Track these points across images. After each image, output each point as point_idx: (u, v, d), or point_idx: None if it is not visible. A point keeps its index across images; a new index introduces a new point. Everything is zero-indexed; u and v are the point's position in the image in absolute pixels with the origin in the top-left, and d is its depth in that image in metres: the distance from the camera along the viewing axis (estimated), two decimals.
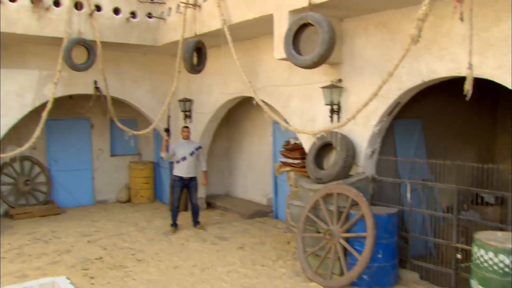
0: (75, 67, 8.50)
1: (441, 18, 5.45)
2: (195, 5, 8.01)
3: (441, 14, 5.36)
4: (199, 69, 8.10)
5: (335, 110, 6.83)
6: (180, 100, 10.42)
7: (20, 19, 8.04)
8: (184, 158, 8.90)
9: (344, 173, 6.48)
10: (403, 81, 5.99)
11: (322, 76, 7.07)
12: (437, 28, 5.54)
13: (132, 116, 11.88)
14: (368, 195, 6.47)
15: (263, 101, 8.28)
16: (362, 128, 6.57)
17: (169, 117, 9.09)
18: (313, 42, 5.85)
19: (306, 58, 5.70)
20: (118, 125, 9.32)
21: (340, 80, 6.84)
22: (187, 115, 10.49)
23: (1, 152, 10.26)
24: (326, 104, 6.81)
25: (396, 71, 5.14)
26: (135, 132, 9.11)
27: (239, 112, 11.34)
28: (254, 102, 7.00)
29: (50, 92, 8.60)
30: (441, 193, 7.25)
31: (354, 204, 6.03)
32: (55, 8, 8.35)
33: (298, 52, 5.93)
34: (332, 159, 6.70)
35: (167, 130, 9.02)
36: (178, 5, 8.63)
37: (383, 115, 6.38)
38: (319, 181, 6.69)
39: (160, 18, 9.26)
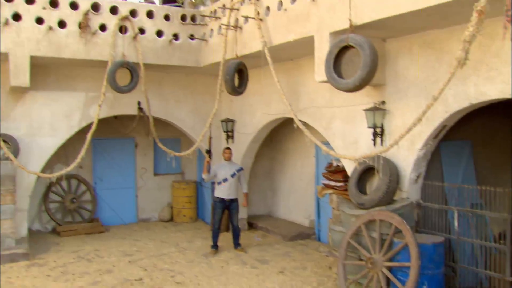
0: (118, 89, 8.71)
1: (490, 37, 5.20)
2: (236, 27, 8.05)
3: (490, 33, 5.10)
4: (240, 90, 8.11)
5: (378, 133, 6.64)
6: (222, 121, 10.44)
7: (68, 44, 8.35)
8: (225, 180, 8.89)
9: (387, 198, 6.26)
10: (449, 103, 5.74)
11: (364, 97, 6.91)
12: (486, 48, 5.29)
13: (176, 135, 12.04)
14: (412, 221, 6.21)
15: (305, 123, 8.24)
16: (406, 152, 6.34)
17: (210, 138, 9.12)
18: (354, 64, 5.73)
19: (348, 82, 5.57)
20: (160, 146, 9.44)
21: (383, 102, 6.66)
22: (229, 135, 10.49)
23: (50, 170, 10.67)
24: (369, 127, 6.64)
25: (442, 93, 4.93)
26: (176, 154, 9.21)
27: (282, 132, 11.27)
28: (295, 125, 6.90)
29: (95, 114, 8.84)
30: (492, 220, 6.87)
31: (398, 231, 5.80)
32: (101, 32, 8.63)
33: (340, 75, 5.82)
34: (375, 184, 6.50)
35: (209, 152, 9.04)
36: (220, 27, 8.71)
37: (429, 139, 6.14)
38: (361, 206, 6.49)
39: (202, 39, 9.38)
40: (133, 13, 8.96)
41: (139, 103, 9.84)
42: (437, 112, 5.83)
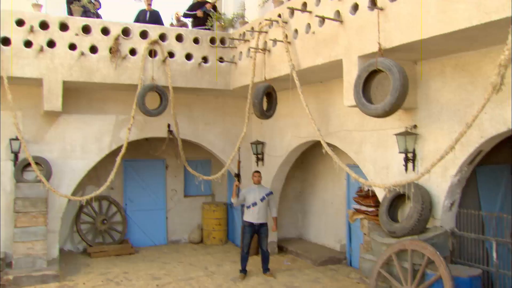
0: (148, 113, 8.78)
1: None
2: (265, 50, 8.02)
3: None
4: (269, 114, 8.04)
5: (410, 158, 6.44)
6: (252, 143, 10.42)
7: (99, 69, 8.50)
8: (254, 204, 8.79)
9: (419, 226, 6.02)
10: (485, 128, 5.51)
11: (396, 121, 6.72)
12: None
13: (206, 157, 12.07)
14: (447, 252, 5.95)
15: (335, 147, 8.11)
16: (440, 178, 6.11)
17: (239, 162, 9.07)
18: (384, 87, 5.58)
19: (377, 107, 5.42)
20: (189, 170, 9.46)
21: (415, 126, 6.46)
22: (259, 157, 10.44)
23: (81, 192, 10.85)
24: (400, 152, 6.44)
25: (477, 118, 4.71)
26: (205, 177, 9.17)
27: (312, 153, 11.12)
28: (323, 150, 6.77)
29: (125, 137, 8.93)
30: None
31: (431, 262, 5.55)
32: (131, 56, 8.76)
33: (369, 100, 5.67)
34: (407, 211, 6.27)
35: (238, 175, 8.98)
36: (249, 50, 8.71)
37: (463, 164, 5.89)
38: (392, 234, 6.27)
39: (231, 62, 9.39)
40: (162, 37, 9.07)
41: (168, 125, 9.90)
42: (472, 137, 5.60)
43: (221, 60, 9.46)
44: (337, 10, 6.39)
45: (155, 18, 10.28)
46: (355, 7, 6.10)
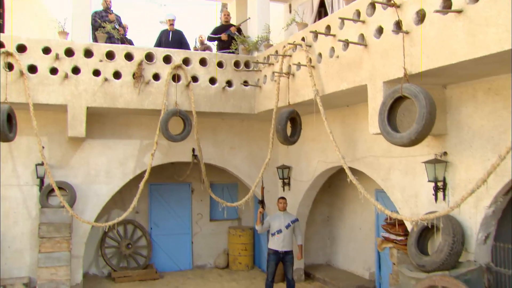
0: (171, 138, 8.71)
1: None
2: (289, 74, 7.87)
3: None
4: (293, 140, 7.85)
5: (440, 187, 6.12)
6: (278, 167, 10.22)
7: (123, 94, 8.52)
8: (279, 231, 8.56)
9: (451, 261, 5.66)
10: None
11: (424, 148, 6.42)
12: None
13: (233, 180, 11.92)
14: None
15: (362, 173, 7.85)
16: (472, 209, 5.75)
17: (263, 188, 8.86)
18: (412, 114, 5.33)
19: (402, 136, 5.16)
20: (212, 196, 9.34)
21: (445, 154, 6.14)
22: (286, 182, 10.23)
23: (107, 216, 10.86)
24: (430, 181, 6.13)
25: None
26: (228, 204, 9.02)
27: (340, 177, 10.78)
28: (348, 179, 6.52)
29: (146, 164, 8.89)
30: None
31: None
32: (154, 81, 8.75)
33: (395, 127, 5.42)
34: (437, 244, 5.93)
35: (262, 202, 8.76)
36: (273, 73, 8.58)
37: (498, 195, 5.53)
38: (421, 268, 5.92)
39: (256, 86, 9.28)
40: (186, 61, 9.05)
41: (193, 150, 9.83)
42: (508, 165, 5.26)
43: (245, 83, 9.36)
44: (361, 33, 6.19)
45: (178, 38, 10.26)
46: (380, 31, 5.89)
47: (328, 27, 6.95)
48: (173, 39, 10.19)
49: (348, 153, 8.22)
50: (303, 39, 7.56)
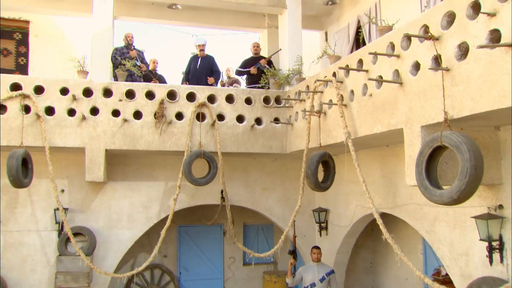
0: (195, 182, 8.24)
1: None
2: (319, 112, 7.25)
3: None
4: (325, 186, 7.18)
5: (495, 247, 5.28)
6: (314, 210, 9.54)
7: (143, 135, 8.19)
8: (313, 285, 7.84)
9: None
10: None
11: (475, 199, 5.58)
12: None
13: (268, 221, 11.26)
14: None
15: (404, 222, 7.08)
16: None
17: (294, 237, 8.21)
18: (457, 162, 4.59)
19: (442, 194, 4.42)
20: (239, 246, 8.81)
21: (500, 207, 5.31)
22: (322, 226, 9.52)
23: (133, 259, 10.49)
24: (482, 239, 5.31)
25: None
26: (256, 254, 8.43)
27: (384, 220, 9.98)
28: (383, 237, 5.81)
29: (171, 208, 8.46)
30: None
31: None
32: (177, 121, 8.38)
33: (435, 181, 4.68)
34: None
35: (293, 252, 8.09)
36: (304, 110, 8.00)
37: None
38: None
39: (288, 123, 8.71)
40: (211, 98, 8.64)
41: (222, 192, 9.32)
42: None
43: (276, 121, 8.81)
44: (395, 69, 5.52)
45: (207, 64, 9.86)
46: (416, 67, 5.21)
47: (360, 61, 6.32)
48: (202, 66, 9.80)
49: (388, 199, 7.49)
50: (334, 74, 6.96)
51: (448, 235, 6.18)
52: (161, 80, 10.14)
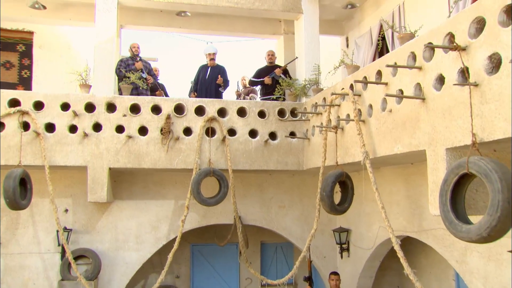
0: (204, 202, 7.86)
1: None
2: (336, 128, 6.77)
3: None
4: (341, 209, 6.68)
5: None
6: (335, 230, 9.04)
7: (149, 153, 7.87)
8: None
9: None
10: None
11: None
12: None
13: (287, 239, 10.82)
14: None
15: (431, 248, 6.53)
16: None
17: (310, 261, 7.75)
18: (488, 189, 4.07)
19: (470, 230, 3.89)
20: (250, 271, 8.39)
21: None
22: (344, 248, 9.01)
23: (144, 280, 10.18)
24: None
25: None
26: (269, 281, 7.99)
27: (411, 241, 9.40)
28: (405, 271, 5.31)
29: (184, 225, 8.10)
30: None
31: None
32: (185, 137, 8.02)
33: (462, 213, 4.14)
34: None
35: (308, 279, 7.63)
36: (321, 124, 7.54)
37: None
38: None
39: (304, 138, 8.24)
40: (222, 112, 8.25)
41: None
42: None
43: (292, 135, 8.36)
44: (417, 83, 5.01)
45: (216, 75, 9.47)
46: (440, 80, 4.69)
47: (379, 73, 5.83)
48: (211, 76, 9.43)
49: (414, 222, 6.96)
50: (351, 86, 6.47)
51: (482, 267, 5.63)
52: (163, 90, 9.81)
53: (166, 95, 10.16)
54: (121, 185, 8.62)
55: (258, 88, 10.10)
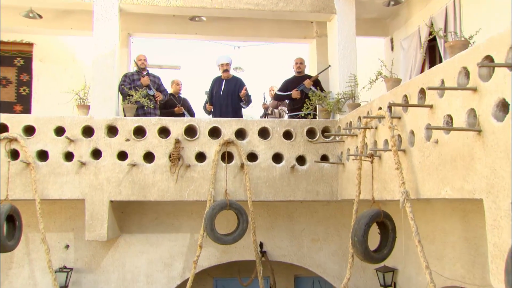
0: (219, 241, 7.08)
1: None
2: (372, 157, 5.82)
3: None
4: (379, 257, 5.73)
5: None
6: (378, 270, 8.05)
7: (156, 183, 7.18)
8: None
9: None
10: None
11: None
12: None
13: None
14: None
15: None
16: None
17: None
18: None
19: None
20: None
21: None
22: None
23: None
24: None
25: None
26: None
27: None
28: None
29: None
30: None
31: None
32: (197, 163, 7.25)
33: None
34: None
35: None
36: (356, 148, 6.61)
37: None
38: None
39: (338, 163, 7.31)
40: (240, 133, 7.44)
41: (261, 245, 8.12)
42: None
43: (324, 160, 7.44)
44: (471, 108, 4.02)
45: (233, 89, 8.64)
46: (503, 107, 3.68)
47: (422, 92, 4.85)
48: (226, 90, 8.60)
49: (474, 271, 5.92)
50: (389, 107, 5.49)
51: None
52: (185, 105, 9.09)
53: (190, 111, 9.46)
54: (129, 216, 8.01)
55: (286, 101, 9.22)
